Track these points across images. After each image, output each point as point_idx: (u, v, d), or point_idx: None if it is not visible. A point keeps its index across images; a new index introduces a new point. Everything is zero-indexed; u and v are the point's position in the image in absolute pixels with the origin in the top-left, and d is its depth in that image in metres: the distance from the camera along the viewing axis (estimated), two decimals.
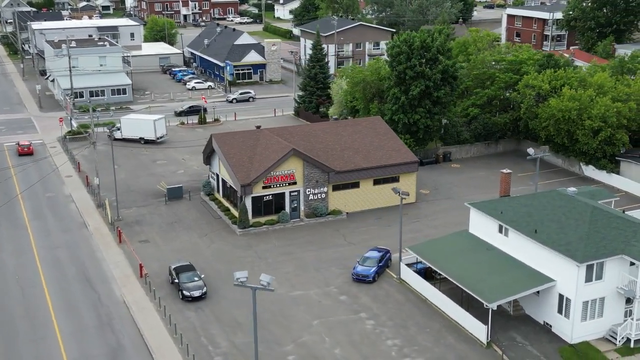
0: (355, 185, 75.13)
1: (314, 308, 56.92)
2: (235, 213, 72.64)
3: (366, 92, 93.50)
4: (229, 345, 51.75)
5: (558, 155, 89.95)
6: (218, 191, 77.98)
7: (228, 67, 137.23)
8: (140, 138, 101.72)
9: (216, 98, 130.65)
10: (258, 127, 79.12)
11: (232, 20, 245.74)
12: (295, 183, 72.08)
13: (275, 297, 58.32)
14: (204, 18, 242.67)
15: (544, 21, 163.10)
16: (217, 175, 77.36)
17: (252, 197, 70.42)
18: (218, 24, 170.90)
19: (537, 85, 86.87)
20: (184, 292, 57.49)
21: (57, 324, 54.43)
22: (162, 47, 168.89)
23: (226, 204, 75.41)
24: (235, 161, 71.89)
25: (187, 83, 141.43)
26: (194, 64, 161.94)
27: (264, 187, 70.75)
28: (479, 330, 51.81)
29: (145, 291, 59.29)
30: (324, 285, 60.59)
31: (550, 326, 53.03)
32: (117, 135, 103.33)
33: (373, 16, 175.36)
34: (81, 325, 54.29)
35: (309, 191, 72.69)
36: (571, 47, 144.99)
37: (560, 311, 51.92)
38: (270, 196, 71.48)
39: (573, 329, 51.12)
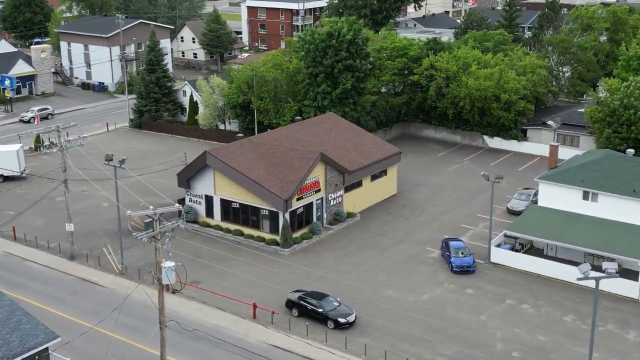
0: (359, 184, 76.10)
1: (461, 306, 58.53)
2: (258, 233, 68.61)
3: (278, 90, 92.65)
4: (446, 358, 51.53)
5: (456, 132, 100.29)
6: (209, 215, 71.89)
7: (9, 81, 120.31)
8: None
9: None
10: (240, 136, 74.77)
11: None
12: (319, 190, 70.63)
13: (411, 305, 58.55)
14: None
15: (292, 11, 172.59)
16: (210, 197, 71.28)
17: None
18: None
19: (444, 67, 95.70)
20: (339, 319, 54.53)
21: None
22: None
23: (234, 226, 70.15)
24: (257, 176, 67.82)
25: None
26: None
27: (297, 199, 68.16)
28: (629, 288, 59.10)
29: (281, 330, 54.56)
30: (436, 283, 62.12)
31: None
32: None
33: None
34: None
35: (330, 196, 71.83)
36: None
37: None
38: (302, 208, 69.13)
39: None
